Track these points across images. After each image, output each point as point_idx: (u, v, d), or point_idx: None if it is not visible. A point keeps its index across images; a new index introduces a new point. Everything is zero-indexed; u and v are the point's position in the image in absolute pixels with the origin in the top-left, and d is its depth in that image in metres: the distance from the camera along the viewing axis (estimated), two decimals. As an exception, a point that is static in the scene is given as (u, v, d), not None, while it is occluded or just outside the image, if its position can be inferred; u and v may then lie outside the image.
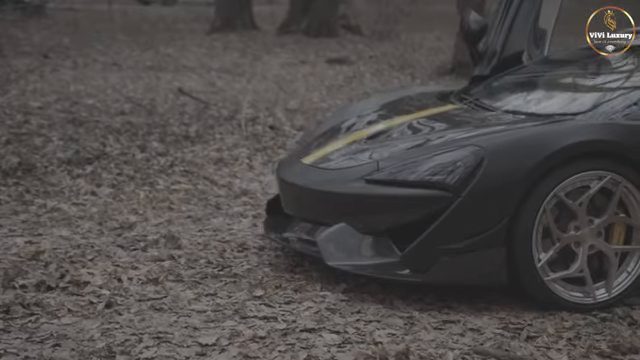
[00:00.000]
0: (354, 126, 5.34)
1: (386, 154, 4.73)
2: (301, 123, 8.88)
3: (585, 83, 5.09)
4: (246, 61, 14.45)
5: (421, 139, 4.79)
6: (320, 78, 12.66)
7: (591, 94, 4.93)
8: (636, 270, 4.50)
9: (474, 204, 4.34)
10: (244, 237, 5.52)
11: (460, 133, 4.72)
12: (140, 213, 5.99)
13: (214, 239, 5.47)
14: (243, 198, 6.45)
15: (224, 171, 7.15)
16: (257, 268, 4.98)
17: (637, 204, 4.46)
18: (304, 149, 5.29)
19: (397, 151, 4.72)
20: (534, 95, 5.25)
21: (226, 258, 5.14)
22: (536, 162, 4.32)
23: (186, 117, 9.03)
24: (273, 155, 7.70)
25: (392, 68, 13.90)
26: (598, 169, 4.39)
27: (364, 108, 5.62)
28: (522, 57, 5.94)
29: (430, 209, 4.42)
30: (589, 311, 4.44)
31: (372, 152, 4.82)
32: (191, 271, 4.92)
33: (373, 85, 12.10)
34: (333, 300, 4.53)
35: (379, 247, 4.57)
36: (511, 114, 4.96)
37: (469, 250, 4.36)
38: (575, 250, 4.44)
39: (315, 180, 4.83)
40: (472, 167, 4.37)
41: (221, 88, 11.38)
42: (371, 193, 4.58)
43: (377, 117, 5.39)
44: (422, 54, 15.83)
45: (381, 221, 4.58)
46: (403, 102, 5.61)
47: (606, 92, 4.90)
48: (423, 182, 4.45)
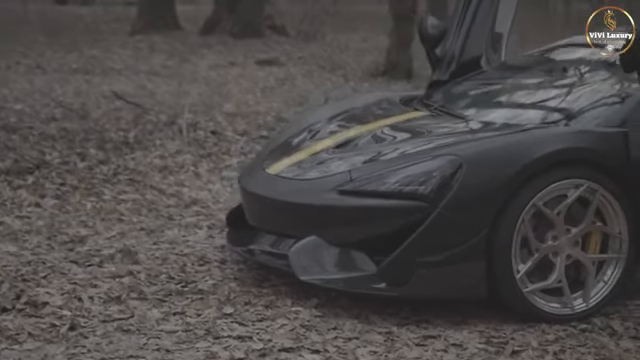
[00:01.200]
0: (317, 134, 5.19)
1: (358, 164, 4.60)
2: (243, 128, 8.70)
3: (553, 89, 5.01)
4: (173, 63, 14.18)
5: (393, 148, 4.67)
6: (252, 80, 12.47)
7: (561, 101, 4.85)
8: (613, 279, 4.45)
9: (452, 215, 4.24)
10: (203, 250, 5.33)
11: (433, 142, 4.61)
12: (90, 225, 5.74)
13: (172, 252, 5.26)
14: (194, 208, 6.24)
15: (170, 179, 6.92)
16: (222, 283, 4.80)
17: (613, 212, 4.40)
18: (267, 158, 5.11)
19: (369, 161, 4.59)
20: (502, 102, 5.17)
21: (188, 273, 4.95)
22: (515, 171, 4.23)
23: (123, 122, 8.76)
24: (219, 162, 7.50)
25: (322, 69, 13.76)
26: (575, 177, 4.33)
27: (325, 115, 5.47)
28: (481, 62, 5.86)
29: (406, 221, 4.29)
30: (567, 322, 4.38)
31: (342, 162, 4.68)
32: (153, 288, 4.71)
33: (306, 87, 11.95)
34: (307, 316, 4.38)
35: (353, 260, 4.44)
36: (482, 122, 4.86)
37: (448, 263, 4.26)
38: (553, 260, 4.37)
39: (283, 191, 4.67)
40: (449, 177, 4.26)
41: (153, 91, 11.11)
42: (344, 204, 4.44)
43: (341, 125, 5.25)
44: (350, 55, 15.73)
45: (354, 233, 4.45)
46: (366, 109, 5.48)
47: (576, 98, 4.83)
48: (399, 193, 4.34)
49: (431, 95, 5.58)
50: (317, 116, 5.51)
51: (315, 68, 13.80)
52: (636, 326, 4.32)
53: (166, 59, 14.62)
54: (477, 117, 4.99)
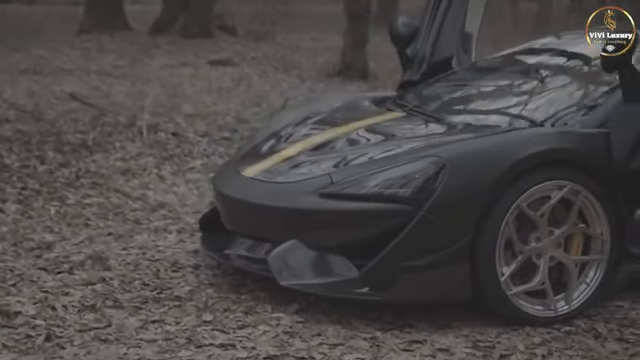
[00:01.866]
0: (292, 136, 5.10)
1: (337, 166, 4.52)
2: (204, 129, 8.57)
3: (530, 91, 4.98)
4: (124, 63, 13.97)
5: (373, 150, 4.59)
6: (206, 80, 12.33)
7: (540, 101, 4.82)
8: (595, 281, 4.43)
9: (436, 218, 4.18)
10: (175, 255, 5.21)
11: (414, 143, 4.54)
12: (56, 231, 5.59)
13: (143, 258, 5.15)
14: (161, 211, 6.12)
15: (134, 182, 6.79)
16: (199, 289, 4.69)
17: (595, 213, 4.38)
18: (241, 161, 5.01)
19: (350, 163, 4.51)
20: (479, 103, 5.13)
21: (162, 279, 4.84)
22: (499, 172, 4.19)
23: (80, 124, 8.58)
24: (182, 164, 7.38)
25: (276, 70, 13.66)
26: (558, 179, 4.29)
27: (298, 117, 5.38)
28: (452, 62, 5.82)
29: (389, 224, 4.23)
30: (550, 324, 4.34)
31: (322, 164, 4.60)
32: (128, 295, 4.59)
33: (263, 87, 11.85)
34: (289, 322, 4.29)
35: (334, 264, 4.37)
36: (461, 123, 4.82)
37: (432, 266, 4.20)
38: (536, 262, 4.33)
39: (262, 194, 4.58)
40: (433, 179, 4.21)
41: (107, 92, 10.92)
42: (326, 208, 4.36)
43: (316, 127, 5.17)
44: (302, 55, 15.65)
45: (335, 237, 4.38)
46: (340, 111, 5.40)
47: (555, 99, 4.81)
48: (381, 196, 4.27)
49: (404, 96, 5.52)
50: (290, 118, 5.42)
51: (269, 68, 13.69)
52: (619, 328, 4.30)
53: (116, 59, 14.40)
54: (455, 118, 4.94)
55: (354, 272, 4.31)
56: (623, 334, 4.24)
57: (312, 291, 4.34)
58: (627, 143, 4.35)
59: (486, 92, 5.25)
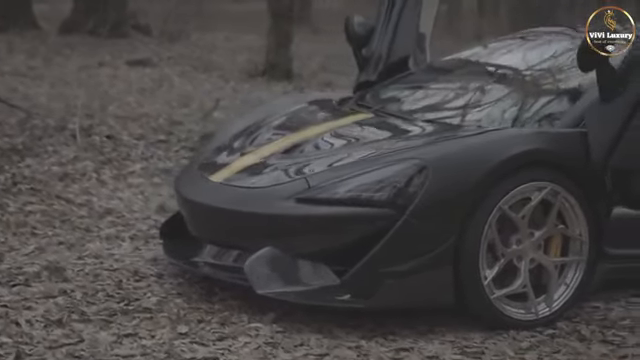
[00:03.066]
0: (256, 139, 4.94)
1: (315, 170, 4.38)
2: (138, 132, 8.32)
3: (500, 91, 4.92)
4: (38, 64, 13.52)
5: (348, 153, 4.48)
6: (126, 81, 12.01)
7: (514, 102, 4.76)
8: (574, 282, 4.39)
9: (420, 222, 4.09)
10: (134, 264, 5.01)
11: (392, 145, 4.44)
12: (2, 241, 5.31)
13: (102, 268, 4.92)
14: (109, 218, 5.88)
15: (74, 188, 6.52)
16: (167, 300, 4.51)
17: (574, 214, 4.34)
18: (206, 165, 4.83)
19: (326, 166, 4.38)
20: (450, 104, 5.04)
21: (126, 289, 4.63)
22: (483, 174, 4.12)
23: (7, 128, 8.23)
24: (121, 168, 7.13)
25: (196, 70, 13.38)
26: (538, 180, 4.24)
27: (259, 119, 5.22)
28: (409, 63, 5.74)
29: (371, 229, 4.12)
30: (531, 328, 4.28)
31: (295, 168, 4.46)
32: (94, 307, 4.38)
33: (185, 88, 11.58)
34: (268, 332, 4.14)
35: (313, 272, 4.24)
36: (435, 124, 4.73)
37: (415, 271, 4.10)
38: (517, 265, 4.27)
39: (234, 200, 4.42)
40: (415, 182, 4.12)
41: (26, 93, 10.52)
42: (303, 213, 4.22)
43: (280, 129, 5.02)
44: (220, 55, 15.40)
45: (314, 243, 4.24)
46: (302, 112, 5.25)
47: (530, 99, 4.76)
48: (362, 200, 4.15)
49: (365, 97, 5.41)
50: (248, 121, 5.25)
51: (189, 68, 13.42)
52: (601, 329, 4.28)
53: (28, 59, 13.92)
54: (425, 119, 4.85)
55: (334, 279, 4.18)
56: (606, 335, 4.22)
57: (291, 299, 4.20)
58: (604, 142, 4.30)
59: (451, 92, 5.16)
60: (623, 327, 4.29)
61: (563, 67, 4.92)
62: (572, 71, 4.78)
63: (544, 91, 4.83)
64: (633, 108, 4.27)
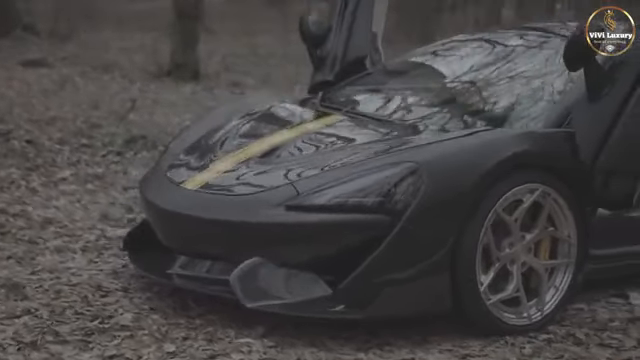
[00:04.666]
0: (225, 145, 4.69)
1: (300, 175, 4.18)
2: (58, 136, 7.92)
3: (481, 89, 4.83)
4: None
5: (334, 157, 4.29)
6: (25, 83, 11.49)
7: (497, 101, 4.67)
8: (564, 285, 4.32)
9: (417, 227, 3.94)
10: (93, 277, 4.71)
11: (378, 148, 4.27)
12: (-59, 259, 4.94)
13: (61, 283, 4.61)
14: (51, 228, 5.54)
15: (5, 197, 6.14)
16: (142, 316, 4.24)
17: (563, 216, 4.26)
18: (175, 172, 4.57)
19: (312, 172, 4.19)
20: (426, 104, 4.90)
21: (95, 306, 4.34)
22: (479, 176, 4.00)
23: None
24: (50, 175, 6.76)
25: (96, 70, 12.91)
26: (531, 181, 4.15)
27: (220, 124, 4.97)
28: (365, 62, 5.60)
29: (366, 236, 3.95)
30: (525, 333, 4.19)
31: (278, 174, 4.25)
32: (66, 327, 4.08)
33: (90, 89, 11.17)
34: (261, 348, 3.93)
35: (304, 282, 4.04)
36: (418, 125, 4.59)
37: (413, 279, 3.95)
38: (509, 269, 4.17)
39: (214, 208, 4.18)
40: (411, 186, 3.96)
41: None
42: (295, 221, 4.02)
43: (251, 133, 4.79)
44: (116, 55, 14.94)
45: (305, 253, 4.05)
46: (268, 115, 5.03)
47: (515, 98, 4.66)
48: (356, 206, 3.98)
49: (328, 98, 5.23)
50: (212, 123, 5.01)
51: (88, 69, 12.95)
52: (595, 332, 4.22)
53: None
54: (403, 119, 4.70)
55: (326, 289, 4.00)
56: (602, 338, 4.16)
57: (282, 312, 4.00)
58: (593, 143, 4.25)
59: (430, 92, 5.02)
60: (615, 329, 4.24)
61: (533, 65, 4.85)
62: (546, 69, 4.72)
63: (530, 88, 4.70)
64: (621, 106, 4.22)
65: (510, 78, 4.86)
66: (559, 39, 4.94)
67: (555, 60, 4.82)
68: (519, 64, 5.04)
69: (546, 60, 4.97)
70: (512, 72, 4.90)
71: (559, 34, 5.10)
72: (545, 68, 4.89)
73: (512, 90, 4.74)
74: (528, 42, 5.30)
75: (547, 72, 4.85)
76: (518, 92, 4.70)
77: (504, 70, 4.92)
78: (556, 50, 4.84)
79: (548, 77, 4.79)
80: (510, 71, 4.91)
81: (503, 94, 4.73)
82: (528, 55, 5.13)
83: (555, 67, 4.71)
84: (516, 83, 4.79)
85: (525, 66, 4.99)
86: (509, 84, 4.80)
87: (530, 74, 4.80)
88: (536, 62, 5.01)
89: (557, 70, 4.75)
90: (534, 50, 5.14)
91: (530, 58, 5.06)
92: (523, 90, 4.70)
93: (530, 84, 4.76)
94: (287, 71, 13.57)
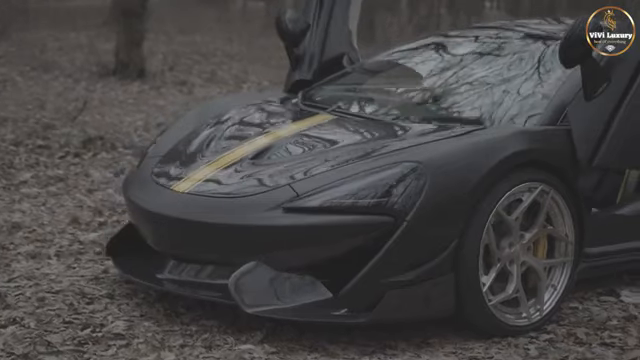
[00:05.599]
0: (211, 145, 4.55)
1: (297, 176, 4.07)
2: (11, 137, 7.66)
3: (471, 86, 4.76)
4: None
5: (331, 157, 4.18)
6: (-39, 82, 11.17)
7: (483, 101, 4.60)
8: (562, 284, 4.28)
9: (421, 228, 3.86)
10: (75, 284, 4.55)
11: (375, 146, 4.18)
12: None
13: (42, 290, 4.45)
14: (20, 233, 5.35)
15: (-34, 201, 5.92)
16: (134, 323, 4.10)
17: (560, 214, 4.23)
18: (162, 174, 4.42)
19: (309, 172, 4.08)
20: (417, 102, 4.82)
21: (82, 313, 4.19)
22: (481, 175, 3.95)
23: None
24: (10, 178, 6.54)
25: (36, 70, 12.59)
26: (531, 180, 4.10)
27: (204, 123, 4.83)
28: (343, 61, 5.50)
29: (369, 237, 3.86)
30: (525, 333, 4.14)
31: (273, 175, 4.12)
32: (57, 336, 3.92)
33: (34, 89, 10.87)
34: (262, 355, 3.83)
35: (304, 286, 3.94)
36: (411, 124, 4.50)
37: (418, 281, 3.87)
38: (509, 269, 4.11)
39: (210, 211, 4.05)
40: (414, 186, 3.89)
41: None
42: (295, 224, 3.91)
43: (236, 134, 4.65)
44: (54, 54, 14.51)
45: (304, 256, 3.95)
46: (252, 116, 4.89)
47: (498, 98, 4.61)
48: (358, 207, 3.88)
49: (310, 97, 5.11)
50: (193, 123, 4.86)
51: (27, 68, 12.61)
52: (595, 332, 4.19)
53: None
54: (397, 119, 4.62)
55: (326, 293, 3.90)
56: (603, 338, 4.12)
57: (283, 317, 3.89)
58: (589, 140, 4.22)
59: (417, 90, 4.94)
60: (614, 328, 4.21)
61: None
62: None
63: (520, 86, 4.66)
64: (617, 103, 4.20)
65: (493, 74, 4.80)
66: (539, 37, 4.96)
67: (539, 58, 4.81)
68: (500, 61, 4.99)
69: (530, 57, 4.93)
70: (494, 68, 4.84)
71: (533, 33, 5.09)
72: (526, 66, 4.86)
73: (498, 86, 4.67)
74: (507, 39, 5.25)
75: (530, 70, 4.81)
76: (503, 89, 4.63)
77: (486, 67, 4.86)
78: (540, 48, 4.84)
79: (532, 74, 4.75)
80: (492, 67, 4.86)
81: (487, 90, 4.66)
82: (509, 51, 5.07)
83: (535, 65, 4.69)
84: (499, 79, 4.73)
85: (507, 62, 4.94)
86: (492, 80, 4.73)
87: (513, 71, 4.73)
88: (516, 59, 4.96)
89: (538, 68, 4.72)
90: (516, 46, 5.08)
91: (512, 54, 5.00)
92: (508, 87, 4.64)
93: (513, 81, 4.70)
94: (232, 69, 13.44)
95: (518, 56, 4.84)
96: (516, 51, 4.91)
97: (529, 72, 4.70)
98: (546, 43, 4.87)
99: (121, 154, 7.37)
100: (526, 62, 4.78)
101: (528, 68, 4.73)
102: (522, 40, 4.99)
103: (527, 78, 4.68)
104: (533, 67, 4.72)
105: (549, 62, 4.69)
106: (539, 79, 4.63)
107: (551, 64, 4.64)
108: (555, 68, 4.58)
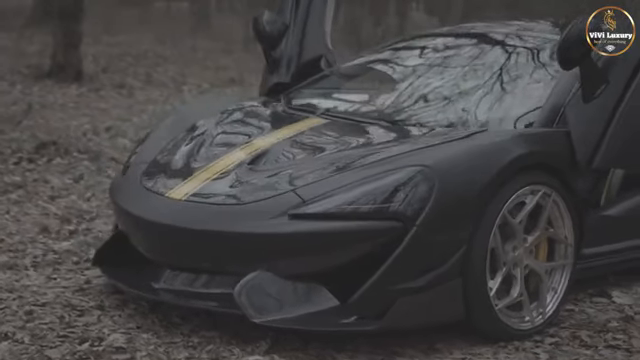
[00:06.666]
0: (202, 151, 4.42)
1: (300, 182, 3.97)
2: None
3: (466, 88, 4.72)
4: None
5: (333, 161, 4.09)
6: None
7: (480, 103, 4.57)
8: (562, 286, 4.26)
9: (431, 232, 3.80)
10: (61, 296, 4.39)
11: (383, 152, 4.10)
12: None
13: (28, 303, 4.27)
14: (-11, 244, 5.13)
15: None
16: (133, 336, 3.95)
17: (560, 216, 4.21)
18: (153, 181, 4.27)
19: (313, 177, 3.98)
20: (412, 104, 4.75)
21: (76, 326, 4.03)
22: (487, 178, 3.90)
23: None
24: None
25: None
26: (534, 183, 4.08)
27: (191, 129, 4.70)
28: (320, 63, 5.42)
29: (377, 243, 3.79)
30: (527, 337, 4.11)
31: (276, 180, 4.02)
32: (56, 351, 3.77)
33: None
34: (272, 366, 3.71)
35: (311, 294, 3.85)
36: (403, 126, 4.45)
37: (428, 287, 3.81)
38: (513, 272, 4.08)
39: (211, 219, 3.92)
40: (423, 190, 3.82)
41: None
42: (302, 230, 3.81)
43: (227, 138, 4.53)
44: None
45: (312, 263, 3.86)
46: (240, 119, 4.78)
47: (494, 100, 4.58)
48: (366, 212, 3.80)
49: (292, 99, 5.02)
50: (180, 126, 4.72)
51: (-48, 72, 12.19)
52: (598, 334, 4.17)
53: None
54: (392, 122, 4.55)
55: (333, 301, 3.81)
56: (607, 340, 4.11)
57: (290, 326, 3.79)
58: (588, 142, 4.22)
59: (410, 91, 4.86)
60: (616, 330, 4.21)
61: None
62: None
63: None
64: (616, 104, 4.20)
65: (486, 76, 4.77)
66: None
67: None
68: (480, 60, 4.97)
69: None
70: (486, 70, 4.83)
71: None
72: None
73: (493, 88, 4.65)
74: (485, 40, 5.23)
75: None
76: (498, 90, 4.62)
77: (476, 69, 4.83)
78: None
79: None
80: (484, 69, 4.84)
81: (481, 92, 4.64)
82: (487, 52, 5.06)
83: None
84: (492, 80, 4.71)
85: (488, 62, 4.93)
86: (487, 82, 4.71)
87: (504, 73, 4.73)
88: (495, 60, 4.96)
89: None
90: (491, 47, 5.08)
91: (490, 55, 5.00)
92: (503, 88, 4.62)
93: (506, 82, 4.69)
94: (168, 71, 13.23)
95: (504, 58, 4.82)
96: (501, 54, 4.89)
97: (520, 74, 4.68)
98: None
99: (77, 159, 7.15)
100: (514, 64, 4.76)
101: (518, 70, 4.71)
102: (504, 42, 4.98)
103: (520, 80, 4.66)
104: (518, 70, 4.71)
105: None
106: (532, 81, 4.60)
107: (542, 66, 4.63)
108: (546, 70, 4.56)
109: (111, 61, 13.83)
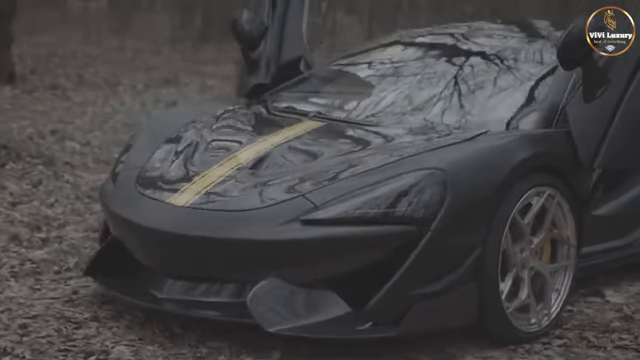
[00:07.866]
0: (196, 156, 4.28)
1: (309, 186, 3.86)
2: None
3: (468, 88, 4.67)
4: None
5: (339, 165, 3.99)
6: None
7: (479, 104, 4.53)
8: (565, 287, 4.24)
9: (446, 236, 3.74)
10: (51, 307, 4.21)
11: (391, 154, 4.01)
12: None
13: (19, 316, 4.09)
14: (-36, 253, 4.91)
15: None
16: (137, 348, 3.81)
17: (564, 217, 4.20)
18: (149, 186, 4.12)
19: (321, 182, 3.88)
20: (410, 106, 4.67)
21: (75, 340, 3.87)
22: (499, 180, 3.86)
23: None
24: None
25: None
26: (539, 184, 4.06)
27: (179, 132, 4.56)
28: (299, 64, 5.32)
29: (391, 248, 3.71)
30: (535, 339, 4.08)
31: (282, 185, 3.91)
32: (59, 367, 3.58)
33: None
34: (289, 376, 3.60)
35: (325, 302, 3.75)
36: (411, 128, 4.38)
37: (444, 291, 3.75)
38: (521, 274, 4.04)
39: (218, 226, 3.79)
40: (436, 193, 3.75)
41: None
42: (316, 236, 3.71)
43: (222, 143, 4.40)
44: None
45: (325, 270, 3.76)
46: (231, 123, 4.65)
47: (493, 101, 4.54)
48: (381, 217, 3.72)
49: (277, 102, 4.90)
50: (163, 135, 4.56)
51: None
52: (603, 335, 4.16)
53: None
54: (391, 124, 4.47)
55: (346, 308, 3.72)
56: (614, 341, 4.09)
57: (305, 334, 3.69)
58: (591, 142, 4.21)
59: (408, 92, 4.78)
60: (619, 329, 4.20)
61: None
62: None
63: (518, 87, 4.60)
64: (617, 103, 4.21)
65: (483, 77, 4.73)
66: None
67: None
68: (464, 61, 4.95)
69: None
70: (483, 70, 4.79)
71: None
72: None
73: (491, 89, 4.62)
74: (463, 40, 5.21)
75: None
76: (495, 92, 4.59)
77: (474, 69, 4.80)
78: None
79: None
80: (481, 69, 4.80)
81: (481, 94, 4.60)
82: (470, 52, 5.04)
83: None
84: (490, 82, 4.68)
85: (471, 63, 4.90)
86: (485, 83, 4.68)
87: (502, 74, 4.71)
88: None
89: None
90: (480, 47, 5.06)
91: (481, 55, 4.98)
92: (500, 90, 4.60)
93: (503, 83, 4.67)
94: (99, 72, 12.92)
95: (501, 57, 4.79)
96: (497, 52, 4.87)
97: (518, 74, 4.66)
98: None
99: (30, 164, 6.91)
100: (510, 64, 4.74)
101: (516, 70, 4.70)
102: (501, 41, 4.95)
103: (517, 80, 4.64)
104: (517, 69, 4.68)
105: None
106: (530, 81, 4.58)
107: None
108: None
109: (38, 62, 13.47)
